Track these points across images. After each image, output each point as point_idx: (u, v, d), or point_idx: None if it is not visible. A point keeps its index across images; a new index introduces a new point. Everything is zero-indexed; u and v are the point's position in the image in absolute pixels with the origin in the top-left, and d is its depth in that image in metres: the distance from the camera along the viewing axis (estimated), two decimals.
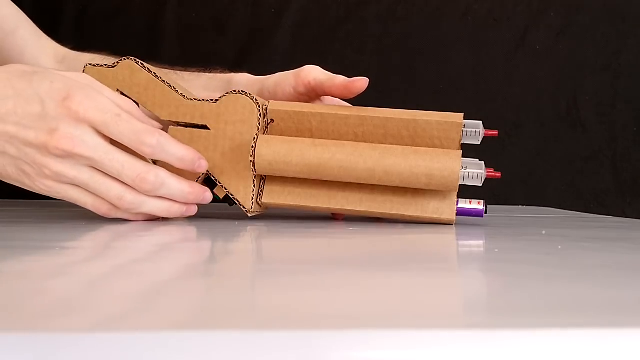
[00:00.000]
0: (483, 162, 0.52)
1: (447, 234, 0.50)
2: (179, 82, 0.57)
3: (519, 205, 0.95)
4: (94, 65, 0.52)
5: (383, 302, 0.23)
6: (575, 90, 0.98)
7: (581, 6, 0.98)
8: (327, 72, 0.55)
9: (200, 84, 0.59)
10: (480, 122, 0.52)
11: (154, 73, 0.52)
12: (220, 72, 0.61)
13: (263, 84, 0.57)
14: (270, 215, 0.62)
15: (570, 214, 0.79)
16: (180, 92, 0.52)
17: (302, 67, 0.55)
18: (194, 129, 0.52)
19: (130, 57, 0.52)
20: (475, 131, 0.52)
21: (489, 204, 0.54)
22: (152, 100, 0.52)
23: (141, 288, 0.25)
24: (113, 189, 0.47)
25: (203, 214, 0.60)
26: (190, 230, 0.49)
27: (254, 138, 0.51)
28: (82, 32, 0.96)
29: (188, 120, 0.52)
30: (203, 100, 0.52)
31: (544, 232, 0.52)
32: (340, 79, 0.53)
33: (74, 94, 0.44)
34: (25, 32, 0.66)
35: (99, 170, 0.46)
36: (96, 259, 0.34)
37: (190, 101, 0.52)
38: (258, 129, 0.52)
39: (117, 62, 0.52)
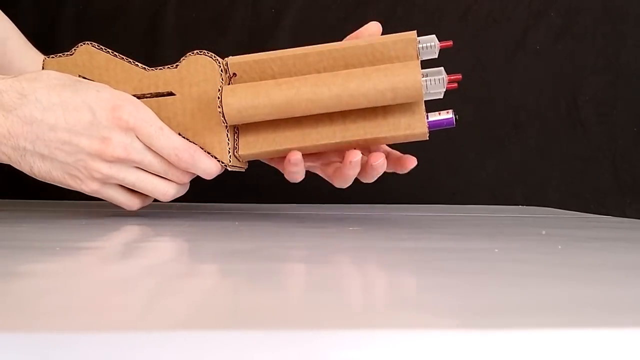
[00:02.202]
0: (442, 68, 0.52)
1: (446, 234, 0.50)
2: None
3: (519, 205, 0.95)
4: (52, 57, 0.54)
5: (382, 302, 0.23)
6: (575, 90, 0.98)
7: (581, 6, 0.98)
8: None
9: None
10: (434, 35, 0.52)
11: (112, 52, 0.53)
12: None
13: None
14: (271, 215, 0.62)
15: (570, 214, 0.79)
16: (140, 65, 0.53)
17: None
18: (160, 98, 0.53)
19: (86, 42, 0.53)
20: (431, 45, 0.52)
21: (489, 204, 0.54)
22: (114, 78, 0.53)
23: (141, 288, 0.25)
24: (159, 186, 0.52)
25: (203, 214, 0.60)
26: (190, 230, 0.49)
27: (219, 90, 0.51)
28: (81, 32, 0.96)
29: (153, 91, 0.53)
30: (164, 67, 0.53)
31: (544, 232, 0.52)
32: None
33: (122, 104, 0.48)
34: (15, 42, 0.66)
35: (143, 170, 0.51)
36: (96, 259, 0.34)
37: (151, 71, 0.53)
38: (222, 83, 0.52)
39: (75, 50, 0.53)
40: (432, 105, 0.53)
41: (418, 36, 0.52)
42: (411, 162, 0.53)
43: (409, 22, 0.99)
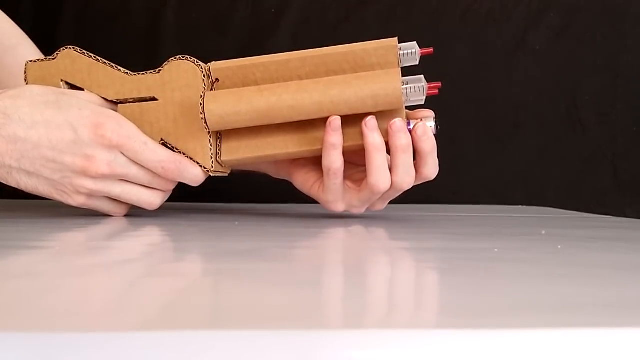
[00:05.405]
0: (422, 76, 0.52)
1: (446, 234, 0.50)
2: None
3: (519, 205, 0.95)
4: (34, 61, 0.54)
5: (382, 302, 0.23)
6: (575, 90, 0.98)
7: (581, 6, 0.98)
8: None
9: None
10: (415, 42, 0.53)
11: (95, 56, 0.53)
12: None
13: None
14: (270, 215, 0.62)
15: (570, 214, 0.79)
16: (122, 70, 0.53)
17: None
18: (143, 103, 0.53)
19: (68, 46, 0.53)
20: (412, 52, 0.52)
21: (489, 204, 0.54)
22: (97, 83, 0.53)
23: (141, 288, 0.25)
24: (144, 197, 0.52)
25: (202, 214, 0.60)
26: (189, 229, 0.49)
27: (201, 96, 0.52)
28: (82, 33, 0.96)
29: (135, 96, 0.53)
30: (146, 72, 0.53)
31: (544, 232, 0.52)
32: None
33: (104, 121, 0.49)
34: (27, 49, 0.67)
35: (127, 182, 0.51)
36: (96, 259, 0.34)
37: (134, 76, 0.53)
38: (204, 89, 0.52)
39: (57, 54, 0.53)
40: (431, 105, 0.53)
41: (400, 42, 0.52)
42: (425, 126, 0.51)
43: (409, 22, 0.99)
